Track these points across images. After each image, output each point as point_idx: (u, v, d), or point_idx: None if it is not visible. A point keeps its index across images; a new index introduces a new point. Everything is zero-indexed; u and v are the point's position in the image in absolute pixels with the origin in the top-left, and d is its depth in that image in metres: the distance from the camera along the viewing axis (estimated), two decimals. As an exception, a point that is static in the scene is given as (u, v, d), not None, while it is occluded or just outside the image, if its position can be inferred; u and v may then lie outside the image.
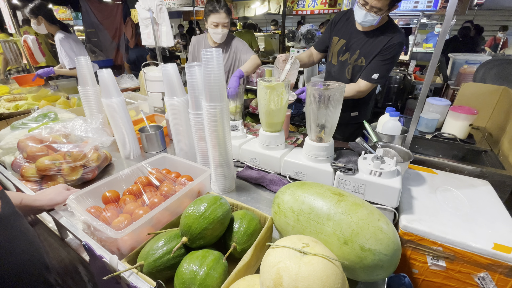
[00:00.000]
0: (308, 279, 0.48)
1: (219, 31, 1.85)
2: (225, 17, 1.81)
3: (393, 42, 1.43)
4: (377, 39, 1.48)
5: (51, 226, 0.98)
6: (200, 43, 2.09)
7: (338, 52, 1.63)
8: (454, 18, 5.21)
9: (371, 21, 1.40)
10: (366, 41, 1.51)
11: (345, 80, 1.64)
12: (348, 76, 1.63)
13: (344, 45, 1.59)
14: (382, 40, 1.46)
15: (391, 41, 1.43)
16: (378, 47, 1.47)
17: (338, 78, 1.68)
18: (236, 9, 6.98)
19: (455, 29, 5.60)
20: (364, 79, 1.52)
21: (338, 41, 1.62)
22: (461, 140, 1.65)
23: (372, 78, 1.49)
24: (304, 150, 1.12)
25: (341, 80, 1.63)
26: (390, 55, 1.45)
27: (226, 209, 0.71)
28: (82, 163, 1.10)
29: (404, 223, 0.92)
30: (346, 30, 1.60)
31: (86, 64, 1.35)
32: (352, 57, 1.57)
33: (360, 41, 1.53)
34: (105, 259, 0.61)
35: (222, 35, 1.87)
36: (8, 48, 3.60)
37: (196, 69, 0.98)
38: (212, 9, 1.80)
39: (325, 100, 0.97)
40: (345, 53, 1.60)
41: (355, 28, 1.55)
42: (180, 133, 1.21)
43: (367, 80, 1.51)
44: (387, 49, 1.44)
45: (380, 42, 1.46)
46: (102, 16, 5.42)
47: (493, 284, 0.85)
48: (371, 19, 1.38)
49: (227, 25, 1.85)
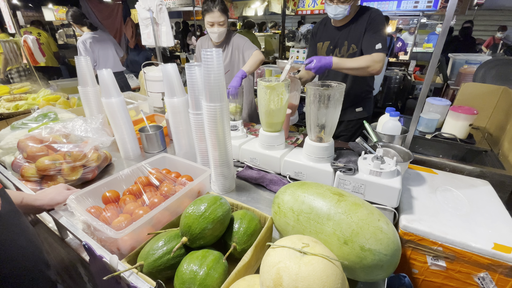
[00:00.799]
0: (308, 279, 0.48)
1: (215, 30, 1.87)
2: (219, 16, 1.82)
3: (372, 15, 1.49)
4: (357, 23, 1.53)
5: (51, 226, 0.98)
6: (204, 44, 2.11)
7: (326, 53, 1.67)
8: (454, 18, 5.21)
9: (343, 12, 1.46)
10: (349, 31, 1.56)
11: (344, 74, 1.64)
12: None
13: (329, 45, 1.65)
14: (361, 20, 1.51)
15: (370, 16, 1.49)
16: (362, 27, 1.51)
17: (336, 74, 1.68)
18: (237, 9, 6.98)
19: (456, 29, 5.60)
20: (370, 51, 1.48)
21: (322, 45, 1.69)
22: (461, 140, 1.65)
23: (376, 49, 1.46)
24: (304, 150, 1.12)
25: (341, 75, 1.67)
26: (378, 25, 1.48)
27: (226, 209, 0.71)
28: (82, 163, 1.10)
29: (404, 223, 0.92)
30: (326, 33, 1.67)
31: (86, 64, 1.35)
32: (342, 49, 1.60)
33: (343, 33, 1.58)
34: (105, 259, 0.61)
35: (218, 34, 1.89)
36: (8, 48, 3.60)
37: (196, 69, 0.98)
38: (206, 8, 1.82)
39: (325, 100, 0.97)
40: (334, 50, 1.64)
41: (333, 27, 1.63)
42: (180, 133, 1.21)
43: (373, 51, 1.47)
44: (372, 23, 1.48)
45: (361, 22, 1.51)
46: (102, 16, 5.41)
47: (493, 284, 0.85)
48: (342, 10, 1.45)
49: (223, 24, 1.86)
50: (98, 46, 3.08)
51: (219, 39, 1.94)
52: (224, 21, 1.85)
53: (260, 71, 3.39)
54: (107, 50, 3.18)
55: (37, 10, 7.00)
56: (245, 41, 1.99)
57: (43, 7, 6.94)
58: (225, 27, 1.88)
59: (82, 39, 3.00)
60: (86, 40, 2.98)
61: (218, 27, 1.85)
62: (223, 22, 1.85)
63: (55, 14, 7.04)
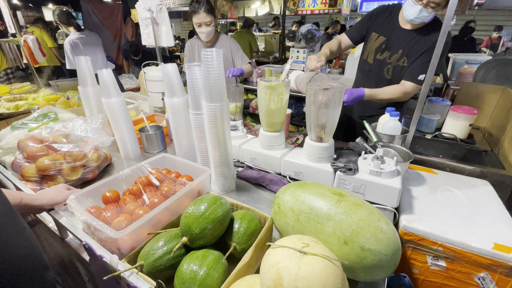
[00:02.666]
0: (308, 279, 0.48)
1: (203, 30, 1.95)
2: (205, 16, 1.89)
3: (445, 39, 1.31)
4: (422, 38, 1.36)
5: (51, 226, 0.98)
6: (194, 45, 2.19)
7: (376, 50, 1.51)
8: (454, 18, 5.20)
9: (424, 18, 1.28)
10: (410, 40, 1.39)
11: (384, 81, 1.53)
12: (388, 76, 1.51)
13: (384, 43, 1.47)
14: (428, 39, 1.34)
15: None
16: (423, 46, 1.35)
17: (376, 78, 1.57)
18: (237, 9, 6.98)
19: (455, 29, 5.60)
20: (410, 80, 1.39)
21: (377, 38, 1.50)
22: (461, 140, 1.65)
23: (418, 80, 1.36)
24: (304, 150, 1.12)
25: (379, 80, 1.54)
26: None
27: (226, 209, 0.71)
28: (82, 163, 1.10)
29: (404, 223, 0.92)
30: (388, 26, 1.47)
31: (86, 64, 1.35)
32: (393, 56, 1.45)
33: (403, 39, 1.41)
34: (105, 259, 0.61)
35: (206, 34, 1.97)
36: (8, 48, 3.61)
37: (196, 69, 0.98)
38: (193, 9, 1.90)
39: (325, 100, 0.97)
40: (384, 52, 1.48)
41: (398, 25, 1.43)
42: (180, 133, 1.21)
43: (412, 81, 1.38)
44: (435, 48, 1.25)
45: (426, 40, 1.34)
46: (103, 16, 5.42)
47: (493, 284, 0.85)
48: (425, 16, 1.27)
49: (209, 24, 1.94)
50: (86, 47, 3.04)
51: (207, 38, 2.02)
52: (210, 21, 1.93)
53: (260, 71, 3.38)
54: (95, 50, 3.14)
55: (37, 10, 7.00)
56: (238, 49, 2.13)
57: (43, 7, 6.94)
58: (212, 27, 1.96)
59: (69, 39, 2.96)
60: (72, 41, 2.95)
61: (205, 27, 1.94)
62: (210, 22, 1.93)
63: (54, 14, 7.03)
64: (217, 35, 2.12)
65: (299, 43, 2.72)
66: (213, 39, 2.10)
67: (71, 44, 2.95)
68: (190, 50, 2.22)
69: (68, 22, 2.95)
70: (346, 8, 4.66)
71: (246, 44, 5.32)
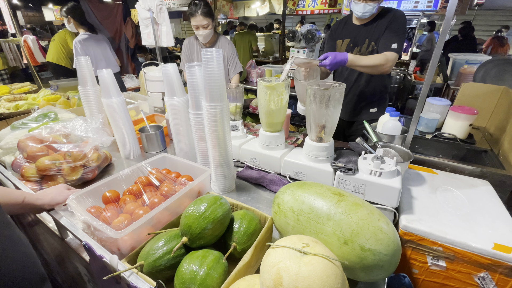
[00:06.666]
0: (308, 279, 0.48)
1: (200, 33, 1.96)
2: (202, 19, 1.90)
3: (396, 15, 1.48)
4: (380, 21, 1.52)
5: (51, 226, 0.98)
6: (192, 43, 2.19)
7: (345, 50, 1.64)
8: (454, 18, 5.20)
9: (371, 10, 1.46)
10: (370, 29, 1.55)
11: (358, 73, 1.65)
12: None
13: (350, 43, 1.62)
14: (384, 19, 1.51)
15: (394, 15, 1.48)
16: (383, 26, 1.50)
17: (351, 73, 1.69)
18: (236, 9, 6.97)
19: (455, 29, 5.60)
20: (385, 50, 1.47)
21: (342, 42, 1.66)
22: (461, 140, 1.65)
23: (392, 48, 1.45)
24: (304, 150, 1.12)
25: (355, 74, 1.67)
26: (398, 25, 1.47)
27: (226, 209, 0.71)
28: (82, 163, 1.10)
29: (404, 223, 0.92)
30: (347, 30, 1.65)
31: (86, 64, 1.35)
32: (363, 46, 1.59)
33: (364, 31, 1.57)
34: (105, 259, 0.61)
35: (204, 36, 1.98)
36: (8, 48, 3.60)
37: (196, 69, 0.98)
38: (190, 12, 1.92)
39: (325, 100, 0.97)
40: (354, 49, 1.62)
41: (354, 25, 1.61)
42: (180, 133, 1.21)
43: (387, 50, 1.46)
44: (393, 22, 1.48)
45: (383, 21, 1.51)
46: (102, 16, 5.41)
47: (493, 284, 0.85)
48: (371, 8, 1.45)
49: (207, 26, 1.94)
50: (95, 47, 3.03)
51: (205, 40, 2.03)
52: (208, 23, 1.93)
53: (260, 71, 3.38)
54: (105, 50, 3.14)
55: (37, 10, 6.99)
56: (234, 54, 2.14)
57: (43, 7, 6.94)
58: (210, 29, 1.97)
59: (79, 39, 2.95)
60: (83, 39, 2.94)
61: (203, 30, 1.95)
62: (207, 24, 1.93)
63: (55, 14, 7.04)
64: (216, 36, 2.12)
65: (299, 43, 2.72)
66: (212, 40, 2.10)
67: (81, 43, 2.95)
68: (188, 48, 2.21)
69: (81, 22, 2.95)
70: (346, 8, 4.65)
71: (247, 43, 5.34)
